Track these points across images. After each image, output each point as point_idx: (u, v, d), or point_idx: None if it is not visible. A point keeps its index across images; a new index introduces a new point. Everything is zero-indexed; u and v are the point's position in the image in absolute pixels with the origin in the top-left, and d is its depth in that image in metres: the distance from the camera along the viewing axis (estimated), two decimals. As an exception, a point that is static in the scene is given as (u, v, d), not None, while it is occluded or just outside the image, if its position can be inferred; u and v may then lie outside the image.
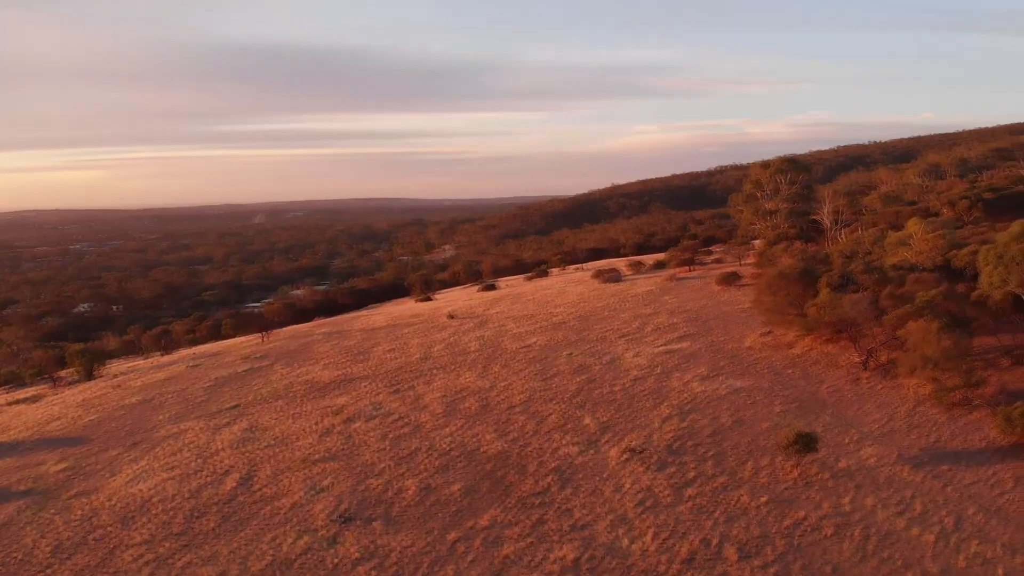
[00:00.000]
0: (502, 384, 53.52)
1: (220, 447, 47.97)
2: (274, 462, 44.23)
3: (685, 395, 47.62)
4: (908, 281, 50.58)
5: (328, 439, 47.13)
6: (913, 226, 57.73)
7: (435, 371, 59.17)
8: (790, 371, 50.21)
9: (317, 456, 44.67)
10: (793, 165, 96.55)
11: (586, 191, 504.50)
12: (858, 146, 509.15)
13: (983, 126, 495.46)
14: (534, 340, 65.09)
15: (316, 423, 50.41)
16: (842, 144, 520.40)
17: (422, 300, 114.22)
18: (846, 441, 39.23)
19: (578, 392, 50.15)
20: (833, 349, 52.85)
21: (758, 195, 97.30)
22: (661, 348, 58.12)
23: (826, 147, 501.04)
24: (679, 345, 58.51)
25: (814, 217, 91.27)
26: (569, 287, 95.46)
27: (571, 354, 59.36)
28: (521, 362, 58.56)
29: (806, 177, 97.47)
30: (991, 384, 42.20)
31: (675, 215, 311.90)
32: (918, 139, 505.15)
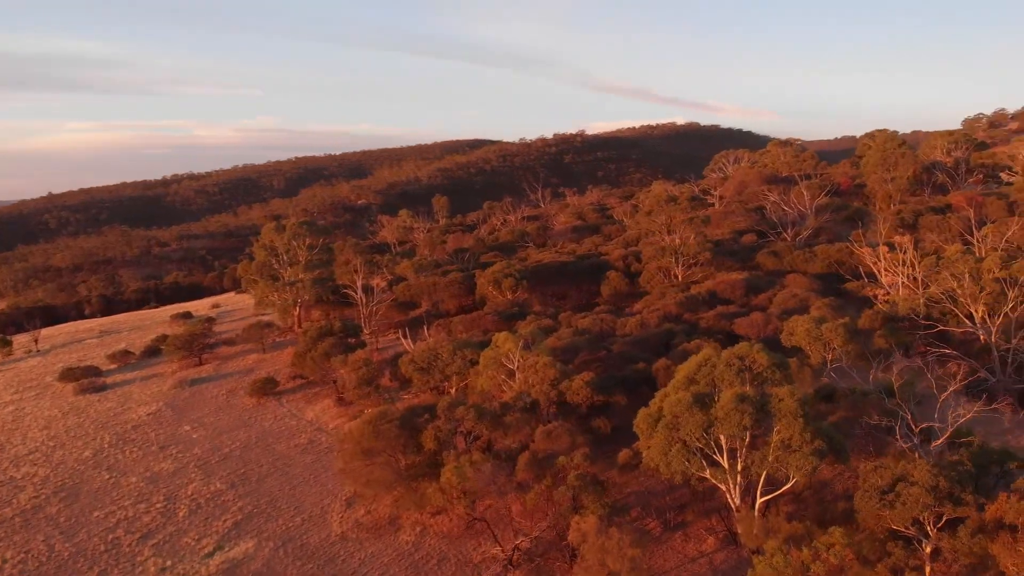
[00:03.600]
0: None
1: None
2: None
3: None
4: (537, 436, 41.29)
5: None
6: (505, 343, 49.54)
7: None
8: (419, 586, 36.55)
9: None
10: (311, 228, 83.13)
11: (14, 200, 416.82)
12: (314, 158, 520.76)
13: (421, 142, 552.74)
14: (-15, 572, 39.40)
15: None
16: (299, 155, 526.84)
17: None
18: None
19: None
20: (447, 524, 40.84)
21: (274, 262, 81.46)
22: (216, 562, 39.03)
23: (280, 154, 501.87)
24: (242, 547, 40.20)
25: (344, 289, 79.28)
26: (26, 404, 66.70)
27: (65, 606, 36.31)
28: (-32, 651, 33.52)
29: (326, 240, 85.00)
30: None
31: (134, 235, 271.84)
32: (367, 153, 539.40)
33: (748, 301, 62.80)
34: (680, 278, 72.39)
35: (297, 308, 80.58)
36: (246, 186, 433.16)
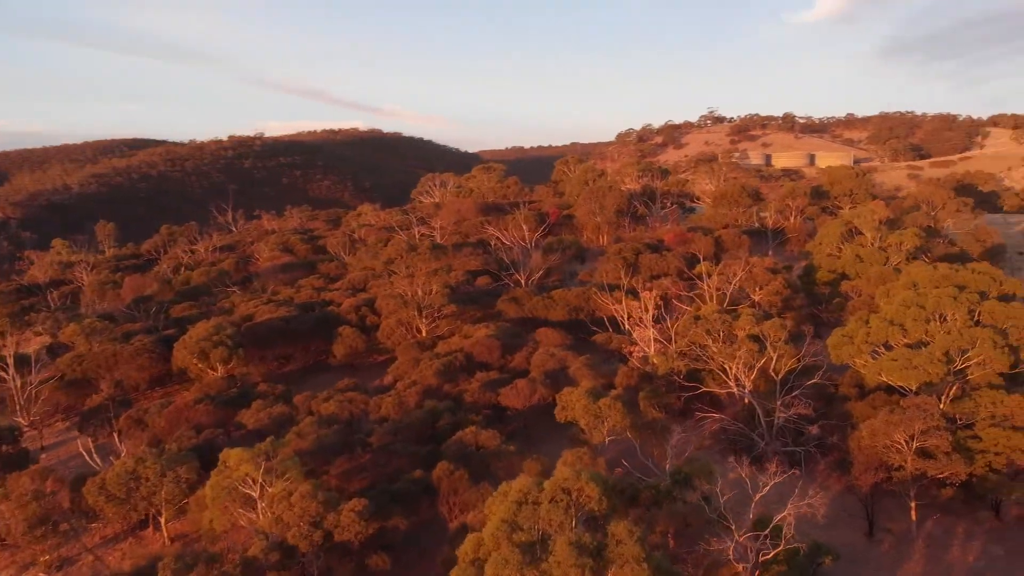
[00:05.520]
0: None
1: None
2: None
3: None
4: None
5: None
6: (241, 465, 38.10)
7: None
8: None
9: None
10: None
11: None
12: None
13: (69, 141, 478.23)
14: None
15: None
16: None
17: None
18: None
19: None
20: None
21: None
22: None
23: None
24: None
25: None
26: None
27: None
28: None
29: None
30: None
31: None
32: (3, 155, 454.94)
33: (506, 363, 57.71)
34: (424, 332, 65.33)
35: (-88, 396, 59.65)
36: None
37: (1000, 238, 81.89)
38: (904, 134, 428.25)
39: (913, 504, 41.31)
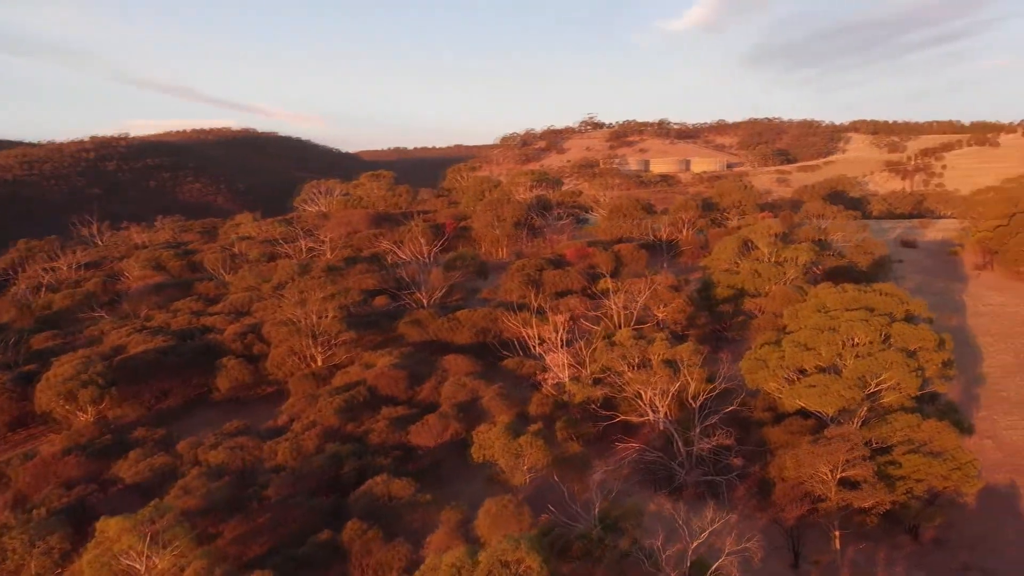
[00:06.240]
0: None
1: None
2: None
3: None
4: None
5: None
6: (122, 536, 32.88)
7: None
8: None
9: None
10: None
11: None
12: None
13: None
14: None
15: None
16: None
17: None
18: None
19: None
20: None
21: None
22: None
23: None
24: None
25: None
26: None
27: None
28: None
29: None
30: None
31: None
32: None
33: (413, 395, 54.16)
34: (320, 362, 60.80)
35: None
36: None
37: (884, 248, 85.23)
38: (771, 139, 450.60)
39: (837, 534, 41.00)
